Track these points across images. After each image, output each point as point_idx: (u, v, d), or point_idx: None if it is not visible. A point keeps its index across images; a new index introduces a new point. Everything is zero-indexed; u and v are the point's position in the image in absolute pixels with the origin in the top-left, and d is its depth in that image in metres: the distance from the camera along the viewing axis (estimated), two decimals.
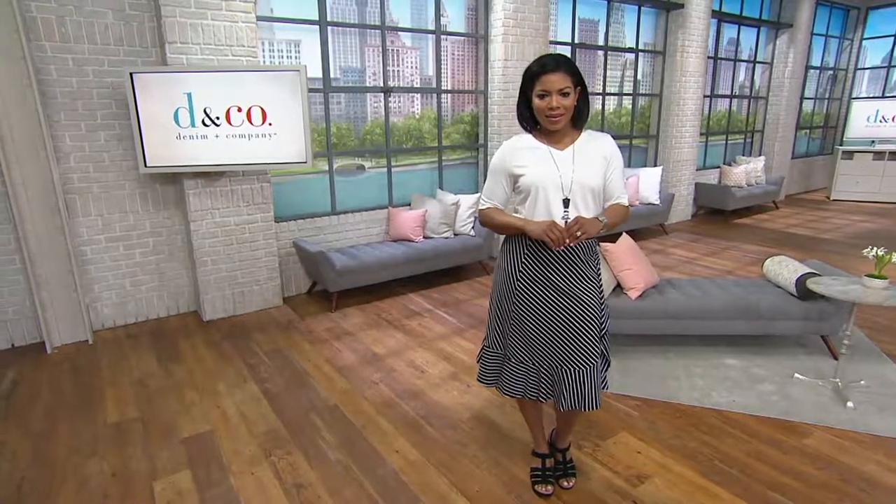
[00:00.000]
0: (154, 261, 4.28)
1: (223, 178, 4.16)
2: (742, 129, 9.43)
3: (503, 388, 2.16)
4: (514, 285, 2.03)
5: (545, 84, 1.81)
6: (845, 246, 6.50)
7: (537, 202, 1.93)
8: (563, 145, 1.95)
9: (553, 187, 1.91)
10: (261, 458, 2.56)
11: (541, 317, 2.01)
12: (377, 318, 4.30)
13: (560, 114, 1.84)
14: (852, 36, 10.75)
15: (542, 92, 1.83)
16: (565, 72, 1.81)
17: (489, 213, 2.05)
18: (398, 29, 5.16)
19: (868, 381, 3.16)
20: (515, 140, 2.01)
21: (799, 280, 3.40)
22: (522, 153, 1.95)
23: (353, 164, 5.19)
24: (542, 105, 1.84)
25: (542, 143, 1.95)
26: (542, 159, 1.93)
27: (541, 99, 1.84)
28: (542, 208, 1.93)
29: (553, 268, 1.98)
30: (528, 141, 1.98)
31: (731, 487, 2.30)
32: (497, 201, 2.04)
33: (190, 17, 3.73)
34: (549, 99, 1.82)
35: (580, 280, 1.99)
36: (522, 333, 2.05)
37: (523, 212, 1.98)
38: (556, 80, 1.80)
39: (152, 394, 3.20)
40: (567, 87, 1.81)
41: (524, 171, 1.93)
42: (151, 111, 3.59)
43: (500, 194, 2.03)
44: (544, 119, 1.88)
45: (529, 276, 2.00)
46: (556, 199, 1.91)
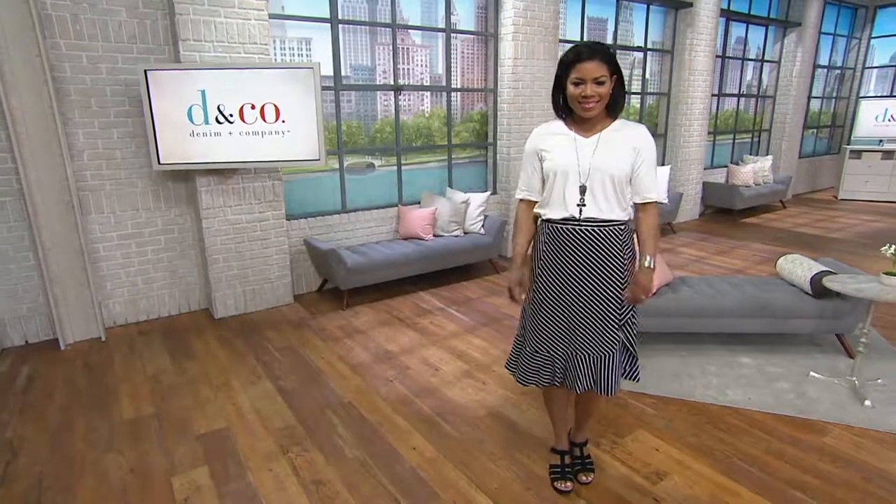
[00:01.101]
0: (166, 258, 4.29)
1: (235, 176, 4.17)
2: (749, 129, 9.40)
3: (520, 377, 2.18)
4: (535, 273, 2.07)
5: (580, 72, 1.81)
6: (855, 245, 6.48)
7: (554, 188, 1.96)
8: (590, 133, 1.94)
9: (570, 174, 1.92)
10: (278, 455, 2.56)
11: (557, 303, 2.04)
12: (389, 316, 4.30)
13: (595, 101, 1.83)
14: (860, 35, 10.71)
15: (577, 80, 1.83)
16: (601, 60, 1.80)
17: (520, 216, 2.12)
18: (409, 27, 5.15)
19: (885, 380, 3.15)
20: (544, 126, 2.03)
21: (814, 278, 3.38)
22: (549, 138, 1.98)
23: (363, 162, 5.19)
24: (576, 92, 1.84)
25: (571, 131, 1.96)
26: (565, 145, 1.95)
27: (575, 86, 1.84)
28: (558, 195, 1.96)
29: (569, 257, 1.99)
30: (557, 127, 1.99)
31: (751, 485, 2.29)
32: (533, 191, 2.07)
33: (203, 15, 3.73)
34: (584, 87, 1.82)
35: (599, 269, 1.97)
36: (540, 319, 2.08)
37: (545, 197, 2.02)
38: (592, 68, 1.80)
39: (166, 390, 3.20)
40: (603, 76, 1.81)
41: (547, 154, 1.97)
42: (165, 108, 3.60)
43: (535, 182, 2.05)
44: (577, 106, 1.88)
45: (547, 264, 2.03)
46: (573, 187, 1.92)
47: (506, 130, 5.70)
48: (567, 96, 1.89)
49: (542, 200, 2.04)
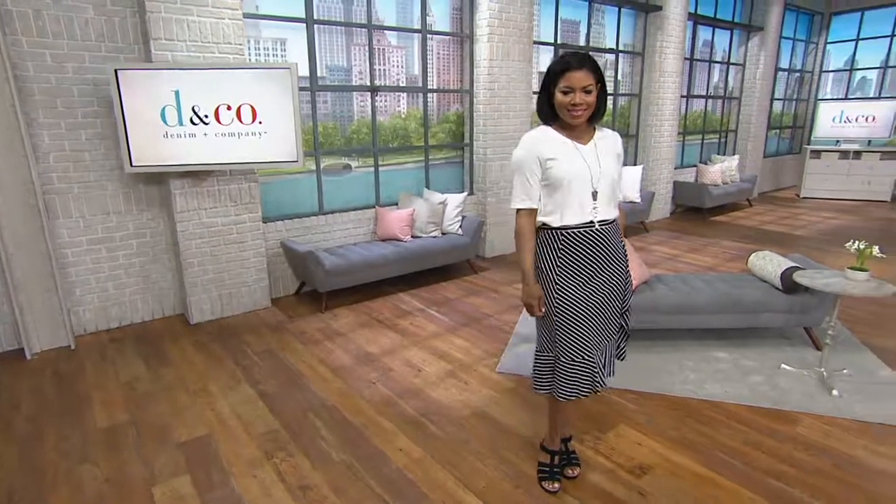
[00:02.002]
0: (138, 263, 4.17)
1: (210, 178, 4.08)
2: (717, 129, 9.67)
3: (559, 393, 2.12)
4: (555, 284, 2.05)
5: (570, 80, 1.88)
6: (818, 241, 6.73)
7: (570, 195, 1.98)
8: (585, 140, 2.02)
9: (583, 181, 1.97)
10: (262, 461, 2.52)
11: (587, 307, 2.06)
12: (368, 318, 4.27)
13: (583, 109, 1.91)
14: (817, 40, 11.13)
15: (566, 88, 1.89)
16: (589, 70, 1.88)
17: (525, 227, 2.06)
18: (384, 28, 5.13)
19: (850, 370, 3.28)
20: (539, 132, 2.03)
21: (784, 274, 3.50)
22: (551, 144, 1.98)
23: (339, 163, 5.15)
24: (566, 100, 1.91)
25: (566, 137, 2.00)
26: (571, 153, 1.98)
27: (564, 95, 1.91)
28: (575, 201, 1.99)
29: (591, 259, 2.04)
30: (551, 133, 2.01)
31: (732, 475, 2.35)
32: (534, 199, 2.03)
33: (175, 13, 3.65)
34: (573, 95, 1.89)
35: (613, 264, 2.08)
36: (575, 328, 2.06)
37: (550, 205, 2.01)
38: (581, 77, 1.87)
39: (142, 397, 3.12)
40: (590, 85, 1.89)
41: (554, 163, 1.96)
42: (137, 109, 3.50)
43: (535, 189, 2.02)
44: (566, 114, 1.94)
45: (570, 271, 2.04)
46: (586, 193, 1.99)
47: (482, 131, 5.73)
48: (554, 103, 1.95)
49: (548, 208, 2.02)
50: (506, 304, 4.52)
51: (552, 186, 1.99)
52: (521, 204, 2.05)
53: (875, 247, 3.04)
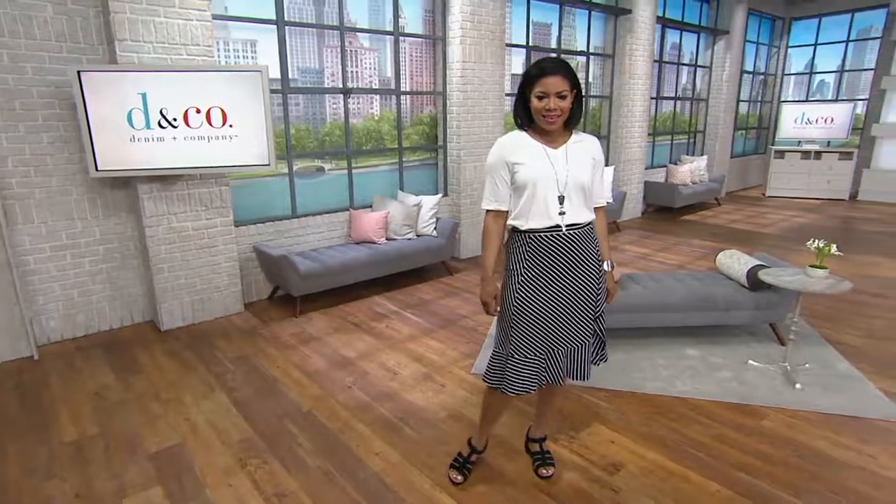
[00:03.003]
0: (105, 269, 4.07)
1: (180, 182, 4.01)
2: (686, 130, 9.89)
3: (506, 388, 2.13)
4: (517, 284, 2.07)
5: (544, 86, 1.89)
6: (783, 239, 6.94)
7: (535, 198, 2.00)
8: (557, 144, 2.03)
9: (549, 184, 1.99)
10: (236, 469, 2.49)
11: (545, 308, 2.06)
12: (343, 322, 4.25)
13: (557, 115, 1.92)
14: (779, 44, 11.49)
15: (540, 93, 1.90)
16: (563, 76, 1.89)
17: (491, 228, 2.11)
18: (356, 30, 5.11)
19: (812, 364, 3.40)
20: (510, 137, 2.07)
21: (750, 272, 3.61)
22: (519, 149, 2.02)
23: (312, 166, 5.11)
24: (540, 106, 1.92)
25: (537, 141, 2.02)
26: (538, 156, 2.00)
27: (539, 100, 1.92)
28: (541, 204, 2.00)
29: (555, 262, 2.04)
30: (523, 138, 2.04)
31: (701, 470, 2.42)
32: (502, 202, 2.08)
33: (141, 14, 3.57)
34: (548, 100, 1.90)
35: (581, 268, 2.07)
36: (529, 329, 2.07)
37: (519, 208, 2.04)
38: (555, 82, 1.88)
39: (112, 408, 3.04)
40: (565, 90, 1.89)
41: (521, 166, 2.00)
42: (102, 112, 3.41)
43: (503, 192, 2.07)
44: (541, 119, 1.95)
45: (532, 273, 2.05)
46: (553, 196, 2.00)
47: (455, 133, 5.75)
48: (530, 108, 1.97)
49: (517, 212, 2.05)
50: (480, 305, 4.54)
51: (519, 190, 2.02)
52: (489, 205, 2.11)
53: (833, 245, 3.16)
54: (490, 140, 5.95)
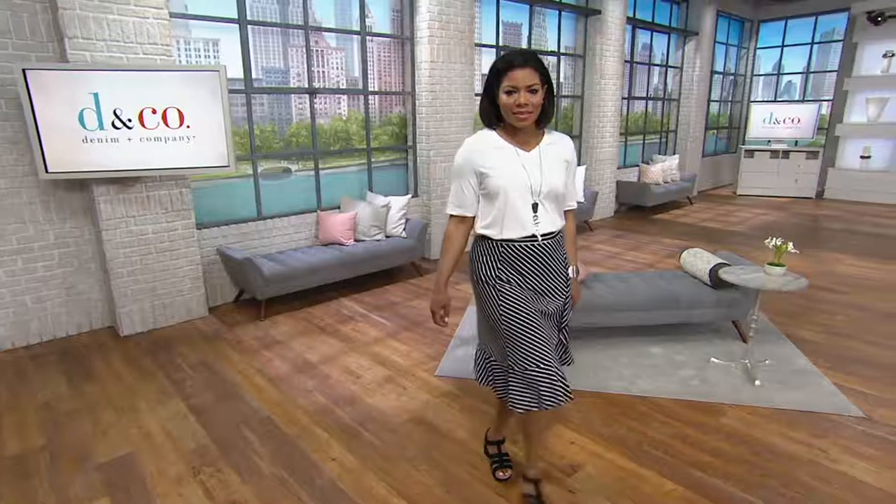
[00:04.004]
0: (61, 274, 3.95)
1: (138, 184, 3.90)
2: (657, 130, 10.01)
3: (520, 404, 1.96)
4: (498, 293, 1.95)
5: (513, 80, 1.75)
6: (750, 237, 7.06)
7: (507, 207, 1.87)
8: (530, 146, 1.89)
9: (522, 191, 1.86)
10: (188, 478, 2.43)
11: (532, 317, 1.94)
12: (309, 325, 4.19)
13: (529, 111, 1.78)
14: (748, 45, 11.69)
15: (509, 88, 1.76)
16: (533, 68, 1.76)
17: (452, 235, 2.00)
18: (322, 29, 5.05)
19: (772, 360, 3.45)
20: (479, 138, 1.92)
21: (712, 270, 3.65)
22: (488, 152, 1.88)
23: (278, 167, 5.03)
24: (510, 102, 1.78)
25: (508, 143, 1.88)
26: (509, 160, 1.86)
27: (508, 95, 1.77)
28: (511, 213, 1.88)
29: (530, 272, 1.94)
30: (493, 139, 1.90)
31: (658, 469, 2.43)
32: (467, 208, 1.95)
33: (92, 11, 3.47)
34: (517, 95, 1.76)
35: (553, 278, 1.99)
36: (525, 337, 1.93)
37: (489, 215, 1.92)
38: (525, 75, 1.74)
39: (61, 418, 2.94)
40: (535, 84, 1.76)
41: (491, 171, 1.86)
42: (51, 112, 3.30)
43: (469, 198, 1.94)
44: (511, 116, 1.81)
45: (509, 280, 1.95)
46: (525, 204, 1.87)
47: (425, 133, 5.72)
48: (499, 105, 1.83)
49: (488, 220, 1.93)
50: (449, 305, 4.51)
51: (490, 197, 1.88)
52: (453, 211, 1.98)
53: (790, 243, 3.20)
54: (459, 140, 5.93)
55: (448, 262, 2.02)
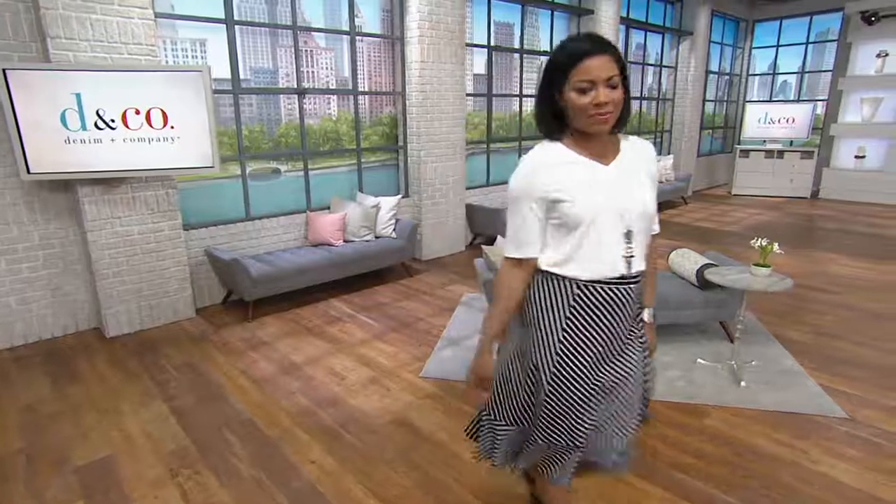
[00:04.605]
0: (46, 276, 3.93)
1: (123, 185, 3.89)
2: (652, 129, 10.00)
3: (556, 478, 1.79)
4: (557, 349, 1.56)
5: (587, 72, 1.34)
6: (743, 237, 7.04)
7: (590, 239, 1.45)
8: (608, 158, 1.47)
9: (609, 217, 1.44)
10: (166, 480, 2.41)
11: (592, 387, 1.60)
12: (296, 326, 4.17)
13: (609, 111, 1.37)
14: (743, 45, 11.69)
15: (583, 83, 1.35)
16: (612, 56, 1.36)
17: (509, 283, 1.53)
18: (310, 29, 5.04)
19: (758, 361, 3.44)
20: (543, 153, 1.48)
21: (699, 271, 3.64)
22: (559, 171, 1.44)
23: (267, 167, 5.02)
24: (585, 102, 1.36)
25: (582, 156, 1.46)
26: (588, 179, 1.44)
27: (582, 93, 1.36)
28: (595, 248, 1.46)
29: (616, 322, 1.55)
30: (561, 153, 1.46)
31: (639, 471, 2.41)
32: (531, 246, 1.50)
33: (75, 11, 3.45)
34: (595, 93, 1.35)
35: (637, 326, 1.64)
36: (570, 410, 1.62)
37: (562, 249, 1.48)
38: (602, 65, 1.34)
39: (42, 421, 2.93)
40: (615, 76, 1.36)
41: (566, 195, 1.43)
42: (33, 113, 3.28)
43: (534, 233, 1.49)
44: (587, 120, 1.39)
45: (580, 338, 1.55)
46: (615, 234, 1.45)
47: (415, 133, 5.71)
48: (564, 108, 1.42)
49: (559, 254, 1.49)
50: (438, 306, 4.51)
51: (566, 229, 1.46)
52: (514, 252, 1.52)
53: (776, 244, 3.19)
54: (451, 140, 5.93)
55: (499, 318, 1.55)
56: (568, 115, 1.43)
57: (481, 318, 1.72)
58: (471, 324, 4.07)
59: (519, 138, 7.33)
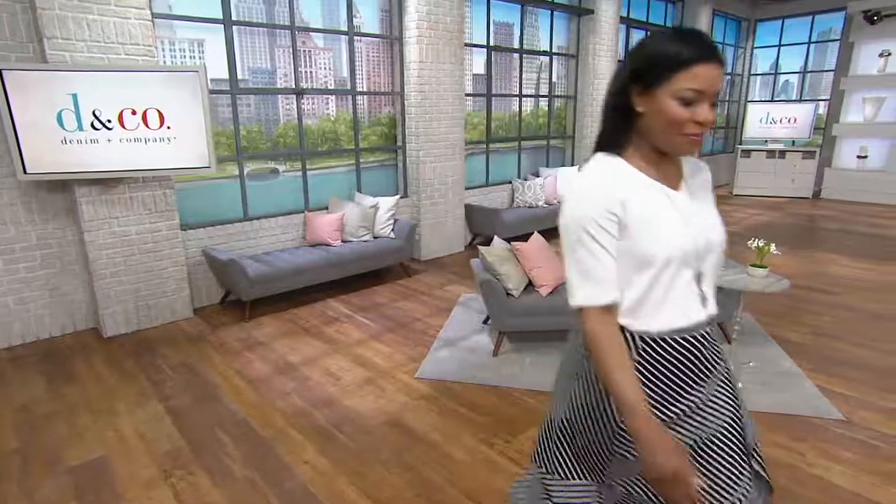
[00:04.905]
0: (44, 276, 3.94)
1: (121, 185, 3.89)
2: None
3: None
4: (610, 418, 1.23)
5: (700, 80, 1.07)
6: (744, 238, 6.98)
7: (659, 282, 1.16)
8: (674, 181, 1.22)
9: (687, 255, 1.17)
10: (159, 481, 2.41)
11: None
12: (293, 326, 4.17)
13: (705, 132, 1.13)
14: (745, 45, 11.65)
15: (690, 93, 1.08)
16: (722, 68, 1.10)
17: (609, 335, 1.15)
18: (309, 29, 5.04)
19: (756, 362, 3.42)
20: (606, 171, 1.19)
21: None
22: (633, 193, 1.15)
23: (266, 167, 5.02)
24: (685, 116, 1.09)
25: (652, 178, 1.18)
26: (663, 209, 1.17)
27: (684, 105, 1.08)
28: (668, 291, 1.17)
29: (693, 384, 1.21)
30: (629, 173, 1.18)
31: None
32: (608, 284, 1.15)
33: (72, 11, 3.45)
34: (700, 107, 1.09)
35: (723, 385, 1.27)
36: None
37: (629, 296, 1.17)
38: (717, 77, 1.09)
39: (37, 421, 2.93)
40: (720, 90, 1.11)
41: (641, 226, 1.14)
42: (29, 113, 3.29)
43: (609, 267, 1.15)
44: (678, 138, 1.12)
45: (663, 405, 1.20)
46: (689, 273, 1.18)
47: (414, 134, 5.70)
48: (651, 118, 1.13)
49: (625, 301, 1.18)
50: (436, 307, 4.50)
51: (638, 264, 1.15)
52: (591, 299, 1.15)
53: (772, 245, 3.18)
54: (450, 140, 5.92)
55: (626, 378, 1.12)
56: (644, 124, 1.15)
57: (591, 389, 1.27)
58: (467, 324, 4.07)
59: (518, 138, 7.32)
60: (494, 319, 3.59)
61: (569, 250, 1.18)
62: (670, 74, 1.08)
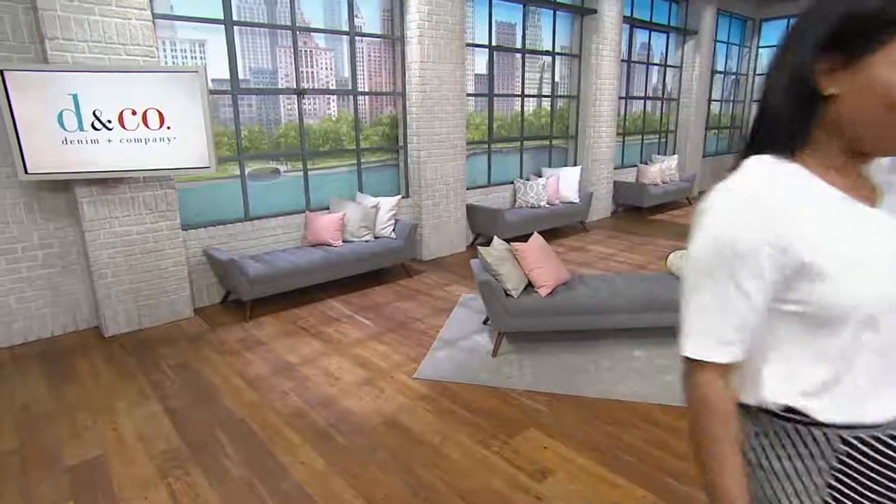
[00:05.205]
0: (45, 275, 3.95)
1: (122, 185, 3.91)
2: (657, 130, 9.92)
3: None
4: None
5: None
6: None
7: (865, 349, 0.82)
8: (872, 193, 0.88)
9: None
10: (156, 481, 2.42)
11: None
12: (293, 326, 4.17)
13: None
14: (750, 44, 11.58)
15: None
16: None
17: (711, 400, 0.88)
18: (310, 29, 5.04)
19: None
20: (770, 178, 0.86)
21: None
22: (811, 212, 0.82)
23: (267, 167, 5.03)
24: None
25: (834, 187, 0.84)
26: (859, 234, 0.83)
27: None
28: (873, 363, 0.83)
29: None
30: (805, 182, 0.85)
31: (631, 476, 2.39)
32: (730, 347, 0.86)
33: (73, 12, 3.47)
34: None
35: None
36: None
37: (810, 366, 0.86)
38: None
39: (37, 420, 2.94)
40: None
41: (827, 264, 0.80)
42: (30, 113, 3.31)
43: (742, 318, 0.85)
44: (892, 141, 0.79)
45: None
46: (892, 335, 0.82)
47: (416, 134, 5.70)
48: (854, 103, 0.79)
49: (805, 377, 0.86)
50: (436, 307, 4.50)
51: (817, 325, 0.83)
52: (707, 352, 0.87)
53: None
54: (451, 141, 5.91)
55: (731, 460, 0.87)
56: (839, 112, 0.81)
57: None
58: (467, 324, 4.06)
59: (521, 139, 7.30)
60: (494, 320, 3.58)
61: (691, 287, 0.88)
62: (889, 35, 0.74)
